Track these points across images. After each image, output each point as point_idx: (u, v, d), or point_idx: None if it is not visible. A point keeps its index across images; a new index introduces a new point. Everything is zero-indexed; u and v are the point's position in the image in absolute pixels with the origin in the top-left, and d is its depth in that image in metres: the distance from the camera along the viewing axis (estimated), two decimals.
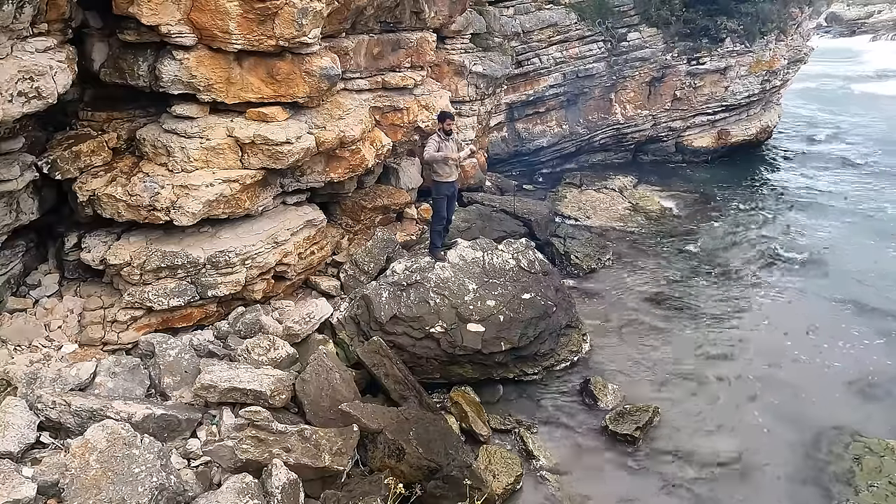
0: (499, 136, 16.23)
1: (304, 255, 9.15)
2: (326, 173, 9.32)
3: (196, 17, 7.89)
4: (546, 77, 16.15)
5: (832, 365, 9.77)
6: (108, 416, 6.33)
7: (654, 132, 18.37)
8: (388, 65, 10.56)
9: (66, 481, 5.41)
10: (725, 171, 18.44)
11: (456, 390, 8.62)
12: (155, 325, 8.03)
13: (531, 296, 9.34)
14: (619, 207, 15.27)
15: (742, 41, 17.89)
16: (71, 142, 8.27)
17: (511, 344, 8.77)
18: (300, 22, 8.05)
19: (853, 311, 11.25)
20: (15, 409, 6.25)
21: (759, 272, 12.62)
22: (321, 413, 7.25)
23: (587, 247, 12.71)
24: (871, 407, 8.92)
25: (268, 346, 7.77)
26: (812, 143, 21.38)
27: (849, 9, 46.67)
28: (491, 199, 13.06)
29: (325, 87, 8.77)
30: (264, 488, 6.03)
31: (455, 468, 6.76)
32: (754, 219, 15.24)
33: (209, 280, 8.09)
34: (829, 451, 8.12)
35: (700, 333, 10.49)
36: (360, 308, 8.83)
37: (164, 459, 5.79)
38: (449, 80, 12.82)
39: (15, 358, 7.28)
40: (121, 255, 8.00)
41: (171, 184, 7.98)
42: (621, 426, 8.24)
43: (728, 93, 18.45)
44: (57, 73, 7.13)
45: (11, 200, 7.78)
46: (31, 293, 8.25)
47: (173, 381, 7.39)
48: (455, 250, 9.77)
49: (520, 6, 15.70)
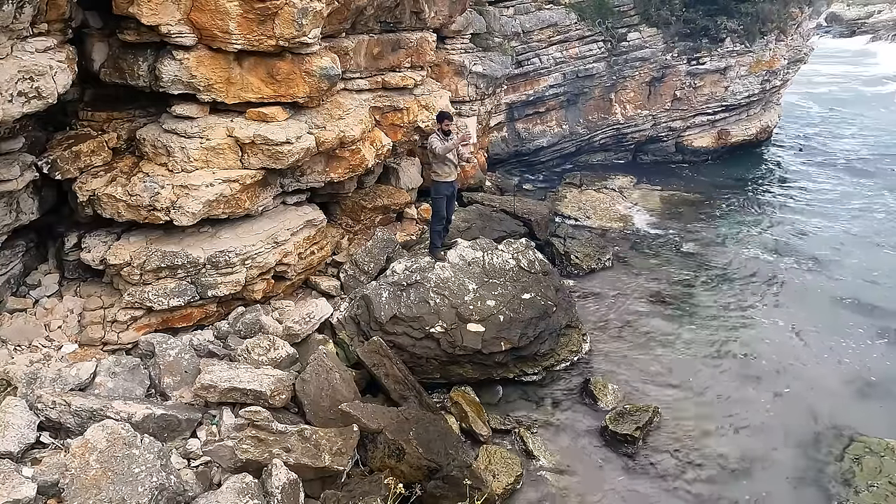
0: (499, 136, 16.23)
1: (304, 255, 9.15)
2: (326, 173, 9.32)
3: (196, 17, 7.89)
4: (546, 77, 16.15)
5: (833, 364, 9.78)
6: (108, 416, 6.33)
7: (654, 132, 18.38)
8: (388, 65, 10.56)
9: (66, 481, 5.41)
10: (725, 171, 18.44)
11: (456, 390, 8.62)
12: (155, 325, 8.03)
13: (531, 296, 9.34)
14: (619, 207, 15.27)
15: (742, 41, 17.89)
16: (71, 142, 8.28)
17: (511, 344, 8.77)
18: (300, 22, 8.05)
19: (854, 310, 11.25)
20: (15, 409, 6.26)
21: (759, 272, 12.60)
22: (321, 413, 7.25)
23: (587, 247, 12.71)
24: (872, 407, 8.92)
25: (268, 346, 7.77)
26: (812, 143, 21.38)
27: (849, 9, 46.68)
28: (491, 199, 13.05)
29: (325, 87, 8.77)
30: (264, 488, 6.03)
31: (455, 468, 6.76)
32: (754, 219, 15.25)
33: (209, 280, 8.09)
34: (829, 450, 8.12)
35: (700, 333, 10.48)
36: (360, 308, 8.83)
37: (164, 459, 5.79)
38: (449, 80, 12.82)
39: (15, 358, 7.28)
40: (121, 255, 8.00)
41: (171, 184, 7.98)
42: (621, 426, 8.23)
43: (728, 93, 18.44)
44: (57, 73, 7.13)
45: (11, 200, 7.78)
46: (31, 293, 8.25)
47: (173, 381, 7.39)
48: (455, 250, 9.77)
49: (520, 6, 15.70)
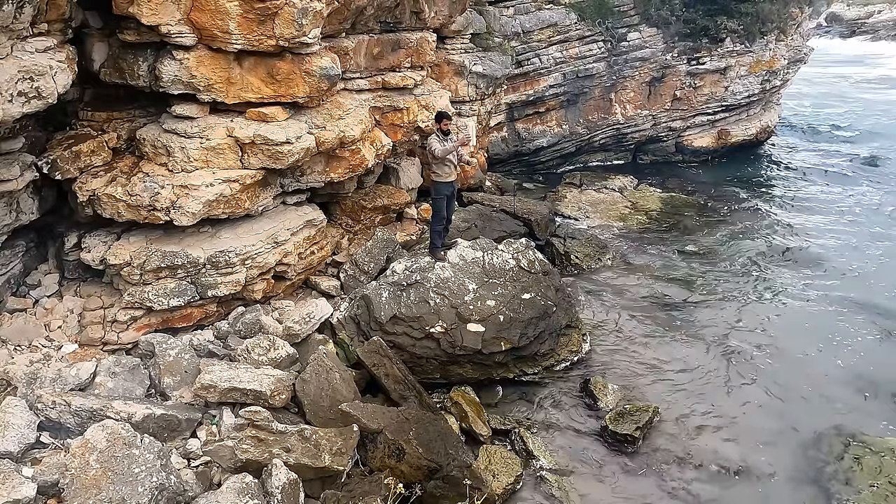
0: (499, 136, 16.25)
1: (304, 255, 9.15)
2: (326, 173, 9.32)
3: (196, 17, 7.89)
4: (546, 77, 16.16)
5: (833, 364, 9.76)
6: (108, 416, 6.33)
7: (654, 132, 18.38)
8: (388, 65, 10.56)
9: (66, 481, 5.41)
10: (725, 171, 18.44)
11: (456, 390, 8.61)
12: (155, 325, 8.03)
13: (531, 296, 9.34)
14: (619, 207, 15.27)
15: (742, 41, 17.89)
16: (71, 142, 8.27)
17: (511, 344, 8.77)
18: (300, 22, 8.05)
19: (854, 310, 11.23)
20: (15, 409, 6.26)
21: (759, 272, 12.61)
22: (321, 413, 7.25)
23: (587, 247, 12.70)
24: (872, 406, 8.91)
25: (268, 346, 7.77)
26: (813, 143, 21.38)
27: (849, 9, 46.72)
28: (491, 199, 13.05)
29: (325, 87, 8.77)
30: (264, 488, 6.03)
31: (455, 468, 6.76)
32: (754, 219, 15.24)
33: (209, 280, 8.09)
34: (829, 450, 8.11)
35: (700, 333, 10.47)
36: (360, 308, 8.83)
37: (164, 459, 5.79)
38: (449, 80, 12.83)
39: (15, 358, 7.28)
40: (121, 255, 8.00)
41: (171, 184, 7.98)
42: (621, 426, 8.23)
43: (728, 93, 18.45)
44: (57, 73, 7.13)
45: (11, 200, 7.78)
46: (31, 293, 8.26)
47: (173, 381, 7.39)
48: (455, 250, 9.77)
49: (520, 6, 15.71)
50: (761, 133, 19.79)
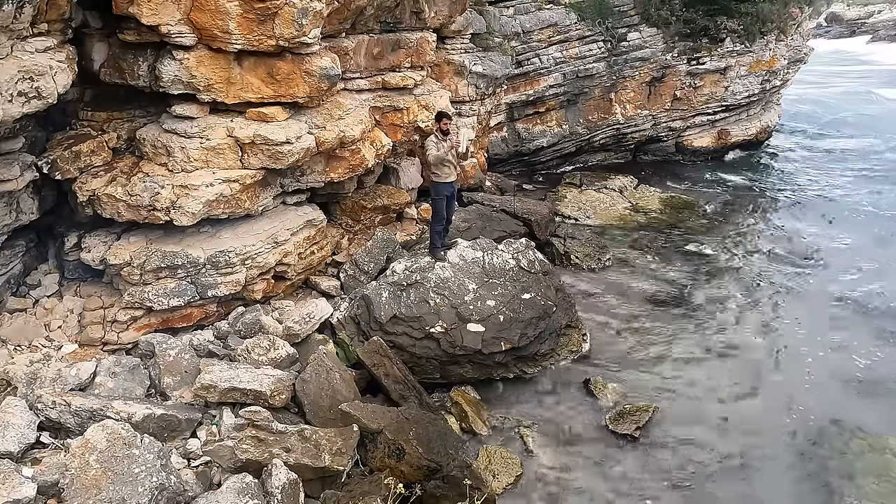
0: (499, 136, 16.24)
1: (304, 255, 9.15)
2: (326, 173, 9.32)
3: (196, 17, 7.89)
4: (546, 77, 16.15)
5: (834, 363, 9.76)
6: (108, 416, 6.33)
7: (654, 132, 18.38)
8: (388, 65, 10.56)
9: (66, 481, 5.41)
10: (725, 171, 18.44)
11: (456, 390, 8.62)
12: (155, 325, 8.03)
13: (531, 296, 9.34)
14: (619, 207, 15.27)
15: (742, 41, 17.89)
16: (71, 142, 8.27)
17: (511, 344, 8.77)
18: (300, 22, 8.05)
19: (855, 309, 11.25)
20: (15, 409, 6.26)
21: (759, 271, 12.62)
22: (321, 413, 7.25)
23: (587, 247, 12.70)
24: (873, 404, 8.91)
25: (268, 346, 7.77)
26: (813, 143, 21.38)
27: (849, 9, 46.75)
28: (491, 199, 13.05)
29: (325, 87, 8.77)
30: (264, 488, 6.03)
31: (455, 468, 6.75)
32: (754, 218, 15.25)
33: (209, 280, 8.09)
34: (830, 448, 8.11)
35: (700, 333, 10.48)
36: (360, 308, 8.83)
37: (164, 459, 5.78)
38: (449, 80, 12.82)
39: (15, 358, 7.28)
40: (121, 255, 8.00)
41: (171, 184, 7.98)
42: (621, 425, 8.24)
43: (728, 93, 18.45)
44: (57, 73, 7.14)
45: (11, 200, 7.78)
46: (31, 293, 8.26)
47: (173, 381, 7.39)
48: (455, 250, 9.76)
49: (520, 6, 15.71)
50: (761, 133, 19.79)
